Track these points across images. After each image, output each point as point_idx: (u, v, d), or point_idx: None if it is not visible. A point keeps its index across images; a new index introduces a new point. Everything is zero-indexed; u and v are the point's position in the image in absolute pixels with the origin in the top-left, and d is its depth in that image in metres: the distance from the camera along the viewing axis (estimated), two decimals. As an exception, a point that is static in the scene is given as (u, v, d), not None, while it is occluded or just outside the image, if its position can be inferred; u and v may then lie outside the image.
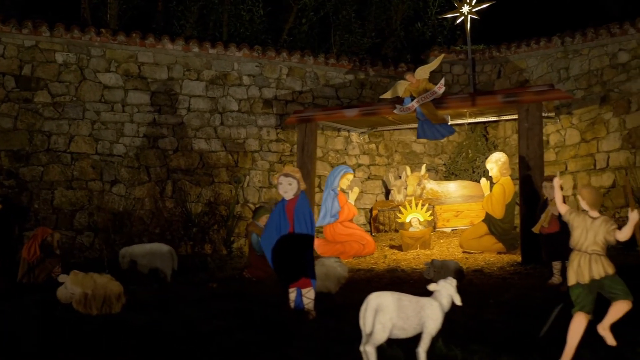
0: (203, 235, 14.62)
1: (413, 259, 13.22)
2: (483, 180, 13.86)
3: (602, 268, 5.79)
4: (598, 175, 14.35)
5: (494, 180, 13.59)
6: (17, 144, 13.98)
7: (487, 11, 17.95)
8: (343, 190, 14.46)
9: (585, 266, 5.79)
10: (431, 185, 16.44)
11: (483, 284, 10.50)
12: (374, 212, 16.72)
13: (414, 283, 10.91)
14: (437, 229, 15.93)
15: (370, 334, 5.34)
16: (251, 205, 15.62)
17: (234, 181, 15.58)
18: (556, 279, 10.06)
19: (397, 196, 16.37)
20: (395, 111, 13.34)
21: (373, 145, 17.59)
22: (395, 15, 19.78)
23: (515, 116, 14.63)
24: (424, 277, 10.59)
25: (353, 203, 14.64)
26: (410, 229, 14.36)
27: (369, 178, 17.43)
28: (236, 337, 6.51)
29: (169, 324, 7.18)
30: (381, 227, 16.48)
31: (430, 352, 5.77)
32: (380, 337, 5.32)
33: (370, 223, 16.91)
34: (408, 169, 16.68)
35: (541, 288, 9.78)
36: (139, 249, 10.90)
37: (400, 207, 14.89)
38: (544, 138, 15.84)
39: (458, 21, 17.77)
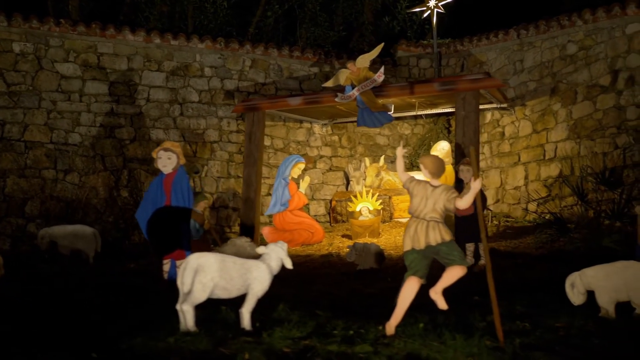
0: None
1: (358, 247, 13.34)
2: (427, 169, 13.94)
3: (439, 234, 5.90)
4: (546, 165, 14.41)
5: (437, 169, 13.63)
6: (-31, 133, 14.25)
7: (455, 5, 18.09)
8: (294, 180, 14.64)
9: (422, 232, 5.89)
10: (389, 176, 16.56)
11: (403, 267, 10.60)
12: (333, 203, 16.84)
13: (341, 267, 11.06)
14: (394, 219, 16.01)
15: (188, 293, 5.47)
16: (208, 195, 15.78)
17: (194, 172, 15.73)
18: (469, 259, 10.18)
19: (355, 187, 16.51)
20: (336, 99, 13.46)
21: (336, 137, 17.70)
22: (363, 8, 19.90)
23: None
24: (346, 259, 10.75)
25: (304, 192, 14.80)
26: (360, 218, 14.48)
27: (330, 169, 17.54)
28: (95, 303, 6.70)
29: (43, 293, 7.36)
30: (339, 217, 16.59)
31: (269, 315, 5.90)
32: (200, 296, 5.46)
33: (329, 213, 17.02)
34: (367, 160, 16.81)
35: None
36: (59, 230, 11.04)
37: (351, 197, 15.03)
38: (500, 130, 15.97)
39: (425, 15, 17.86)
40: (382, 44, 14.12)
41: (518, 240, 12.63)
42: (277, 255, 5.83)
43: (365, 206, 14.58)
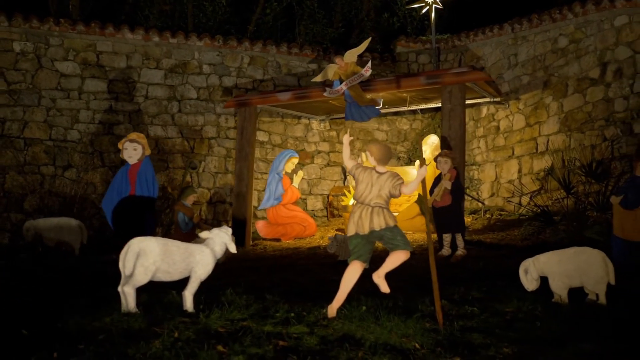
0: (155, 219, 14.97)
1: (348, 240, 13.47)
2: (417, 162, 14.05)
3: (383, 220, 6.03)
4: (539, 158, 14.43)
5: (427, 162, 13.67)
6: (-30, 130, 14.56)
7: (454, 1, 18.14)
8: (288, 174, 14.80)
9: (367, 218, 6.02)
10: (385, 171, 16.64)
11: (382, 258, 10.70)
12: (330, 198, 16.97)
13: (323, 258, 11.20)
14: (389, 214, 16.05)
15: (130, 276, 5.64)
16: (206, 190, 16.01)
17: (191, 167, 15.92)
18: (446, 250, 10.31)
19: (352, 181, 16.62)
20: (324, 94, 13.58)
21: (334, 133, 17.82)
22: (362, 5, 20.01)
23: (471, 101, 14.91)
24: (327, 251, 10.86)
25: (297, 186, 14.96)
26: (353, 212, 14.58)
27: (328, 164, 17.65)
28: (56, 289, 6.91)
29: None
30: (335, 211, 16.73)
31: (217, 299, 6.05)
32: (141, 279, 5.62)
33: (326, 208, 17.16)
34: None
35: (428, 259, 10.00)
36: (44, 222, 11.26)
37: (345, 191, 15.14)
38: (495, 124, 16.01)
39: (424, 11, 17.92)
40: (370, 39, 14.21)
41: (505, 233, 12.68)
42: (220, 240, 5.97)
43: (358, 200, 14.68)
